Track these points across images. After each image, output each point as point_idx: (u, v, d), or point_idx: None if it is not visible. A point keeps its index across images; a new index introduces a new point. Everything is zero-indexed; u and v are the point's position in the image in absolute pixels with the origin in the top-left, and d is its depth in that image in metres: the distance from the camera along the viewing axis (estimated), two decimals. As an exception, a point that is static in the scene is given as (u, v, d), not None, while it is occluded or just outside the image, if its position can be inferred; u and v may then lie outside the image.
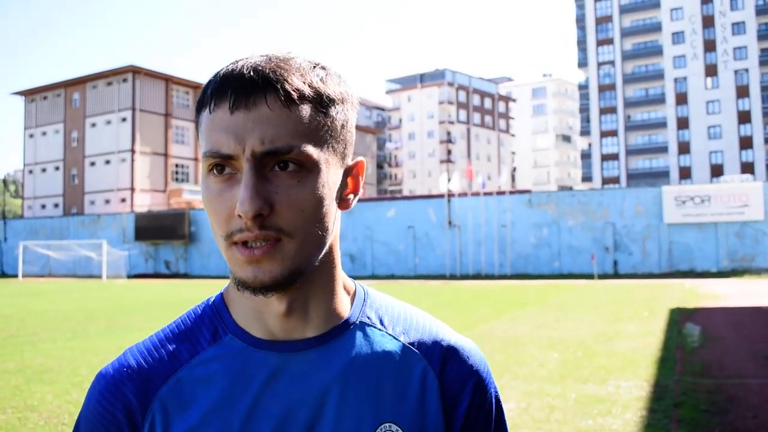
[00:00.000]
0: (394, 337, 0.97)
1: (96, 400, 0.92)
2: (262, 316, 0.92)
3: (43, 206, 65.57)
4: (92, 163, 62.32)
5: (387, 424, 0.91)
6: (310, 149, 0.85)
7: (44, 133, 66.22)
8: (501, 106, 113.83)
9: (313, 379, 0.91)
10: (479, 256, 38.44)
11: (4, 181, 75.43)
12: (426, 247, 40.19)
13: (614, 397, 7.10)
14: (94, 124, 62.48)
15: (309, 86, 0.86)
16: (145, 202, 59.40)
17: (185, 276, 44.97)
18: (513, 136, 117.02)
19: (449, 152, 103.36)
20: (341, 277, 0.97)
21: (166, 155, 62.00)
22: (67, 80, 64.43)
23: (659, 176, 77.14)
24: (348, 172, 0.94)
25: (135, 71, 60.15)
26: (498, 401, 1.02)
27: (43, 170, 66.11)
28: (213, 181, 0.86)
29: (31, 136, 67.23)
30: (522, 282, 31.57)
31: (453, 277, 37.37)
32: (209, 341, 0.93)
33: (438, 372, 0.96)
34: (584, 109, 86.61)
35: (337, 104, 0.89)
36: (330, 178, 0.88)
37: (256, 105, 0.83)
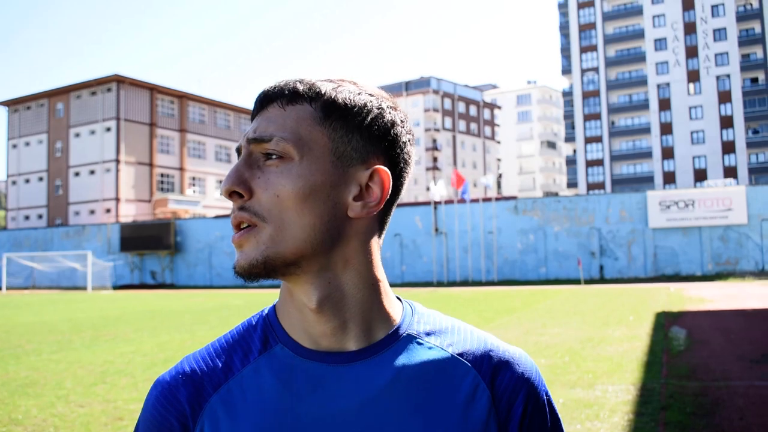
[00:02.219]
0: (443, 350, 0.97)
1: (152, 405, 0.95)
2: (305, 324, 0.94)
3: (27, 217, 65.09)
4: (76, 174, 61.98)
5: None
6: (292, 141, 0.89)
7: (27, 144, 65.81)
8: (486, 113, 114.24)
9: (360, 391, 0.91)
10: (466, 262, 38.51)
11: (-13, 193, 74.71)
12: (413, 255, 40.23)
13: (602, 401, 7.12)
14: (78, 134, 62.18)
15: (312, 90, 0.92)
16: (130, 213, 59.13)
17: (171, 286, 44.75)
18: (498, 143, 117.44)
19: (435, 159, 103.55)
20: (386, 290, 0.98)
21: (151, 165, 61.78)
22: (51, 90, 64.13)
23: (643, 181, 77.61)
24: (358, 176, 0.93)
25: (119, 80, 59.97)
26: (552, 407, 1.02)
27: (27, 181, 65.66)
28: None
29: (14, 146, 66.80)
30: (509, 288, 31.64)
31: (440, 284, 37.41)
32: (260, 350, 0.95)
33: (488, 382, 0.96)
34: (568, 116, 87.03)
35: (350, 110, 0.92)
36: (316, 173, 0.89)
37: (268, 108, 0.93)
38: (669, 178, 77.43)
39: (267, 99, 0.93)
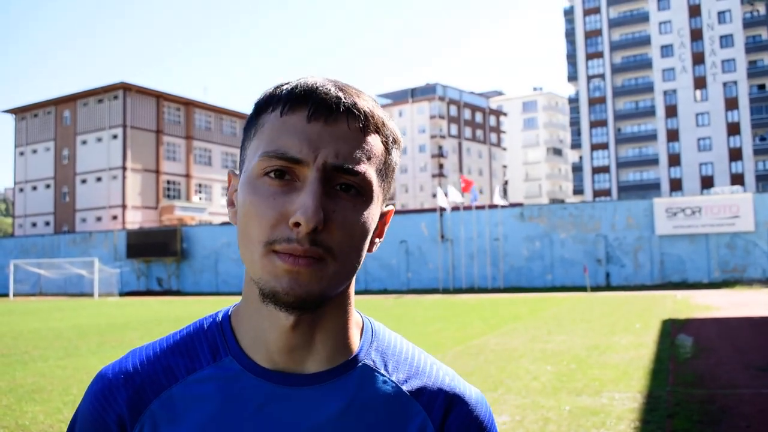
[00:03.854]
0: (396, 385, 0.93)
1: (90, 400, 0.92)
2: (266, 341, 0.90)
3: (34, 224, 65.31)
4: (83, 181, 62.19)
5: None
6: (374, 180, 0.86)
7: (35, 151, 66.08)
8: (492, 120, 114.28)
9: (305, 417, 0.88)
10: (472, 269, 38.47)
11: (-5, 200, 75.07)
12: (419, 261, 40.22)
13: (608, 409, 7.10)
14: (85, 142, 62.41)
15: (383, 123, 0.89)
16: (136, 219, 59.28)
17: (177, 293, 44.81)
18: (504, 149, 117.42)
19: (441, 166, 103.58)
20: (352, 313, 0.95)
21: (157, 172, 61.95)
22: (58, 98, 64.40)
23: (650, 188, 77.47)
24: (382, 216, 0.94)
25: (126, 88, 60.21)
26: None
27: (34, 188, 65.92)
28: (268, 184, 0.84)
29: (22, 153, 67.07)
30: (515, 295, 31.59)
31: (446, 290, 37.37)
32: (209, 360, 0.92)
33: (438, 425, 0.93)
34: (575, 123, 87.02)
35: (397, 147, 0.92)
36: (376, 213, 0.89)
37: (337, 121, 0.84)
38: (675, 185, 77.29)
39: (331, 110, 0.84)
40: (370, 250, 0.91)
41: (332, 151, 0.82)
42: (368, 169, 0.85)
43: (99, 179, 61.02)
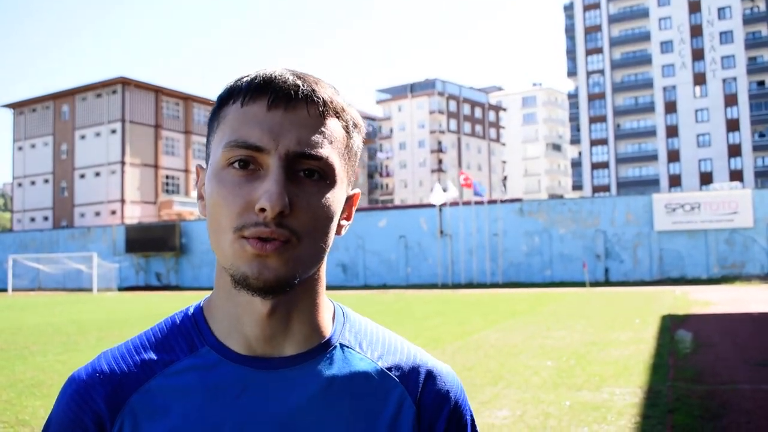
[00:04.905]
0: (372, 362, 0.96)
1: (65, 403, 0.91)
2: (242, 328, 0.91)
3: (33, 219, 65.28)
4: (82, 176, 62.16)
5: None
6: (337, 163, 0.89)
7: (33, 146, 66.02)
8: (491, 116, 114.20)
9: (289, 397, 0.90)
10: (471, 264, 38.48)
11: (-6, 195, 75.06)
12: (418, 257, 40.22)
13: (609, 404, 7.11)
14: (83, 136, 62.37)
15: (342, 108, 0.91)
16: (135, 214, 59.26)
17: (176, 288, 44.82)
18: (503, 145, 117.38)
19: (440, 162, 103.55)
20: (324, 296, 0.97)
21: (156, 167, 61.92)
22: (56, 92, 64.33)
23: (649, 184, 77.50)
24: (348, 199, 0.97)
25: (125, 83, 60.13)
26: (474, 427, 1.02)
27: (33, 183, 65.87)
28: (233, 174, 0.86)
29: (20, 148, 67.00)
30: (514, 290, 31.61)
31: (445, 286, 37.38)
32: (185, 352, 0.92)
33: (415, 397, 0.96)
34: (574, 118, 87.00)
35: (358, 131, 0.95)
36: (341, 196, 0.91)
37: (296, 108, 0.86)
38: (675, 181, 77.32)
39: (290, 97, 0.86)
40: (338, 233, 0.95)
41: (293, 138, 0.85)
42: (330, 154, 0.87)
43: (98, 174, 60.98)
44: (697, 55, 77.28)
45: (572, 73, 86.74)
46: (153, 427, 0.88)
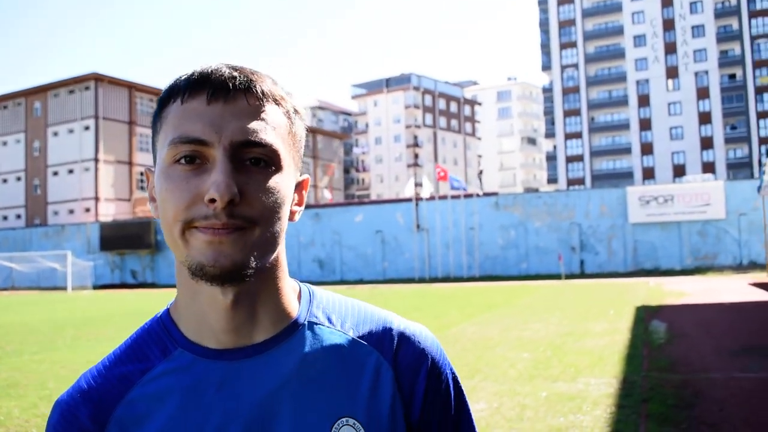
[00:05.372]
0: (344, 333, 0.98)
1: (53, 427, 0.94)
2: (210, 323, 0.93)
3: (5, 218, 64.46)
4: (55, 173, 61.46)
5: (344, 419, 0.92)
6: (281, 149, 0.90)
7: (5, 143, 65.16)
8: (467, 110, 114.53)
9: (265, 382, 0.92)
10: (448, 258, 38.61)
11: (-36, 193, 74.01)
12: (395, 251, 40.30)
13: (584, 394, 7.19)
14: (56, 133, 61.66)
15: (281, 96, 0.93)
16: (109, 212, 58.73)
17: (152, 285, 44.52)
18: (479, 139, 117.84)
19: (416, 156, 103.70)
20: (287, 280, 0.99)
21: (130, 163, 61.39)
22: (28, 89, 63.54)
23: (623, 177, 78.22)
24: (298, 185, 0.99)
25: (98, 79, 59.50)
26: (456, 381, 1.03)
27: (5, 181, 65.01)
28: (179, 170, 0.87)
29: (-9, 146, 66.13)
30: (490, 284, 31.79)
31: (422, 280, 37.48)
32: (159, 357, 0.94)
33: (391, 360, 0.97)
34: (549, 112, 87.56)
35: (300, 117, 0.97)
36: (290, 182, 0.93)
37: (235, 99, 0.88)
38: (648, 174, 78.12)
39: (228, 89, 0.88)
40: (291, 219, 0.97)
41: (236, 128, 0.86)
42: (274, 140, 0.89)
43: (71, 171, 60.34)
44: (670, 48, 78.07)
45: (547, 67, 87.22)
46: None
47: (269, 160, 0.88)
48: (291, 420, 0.91)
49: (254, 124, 0.87)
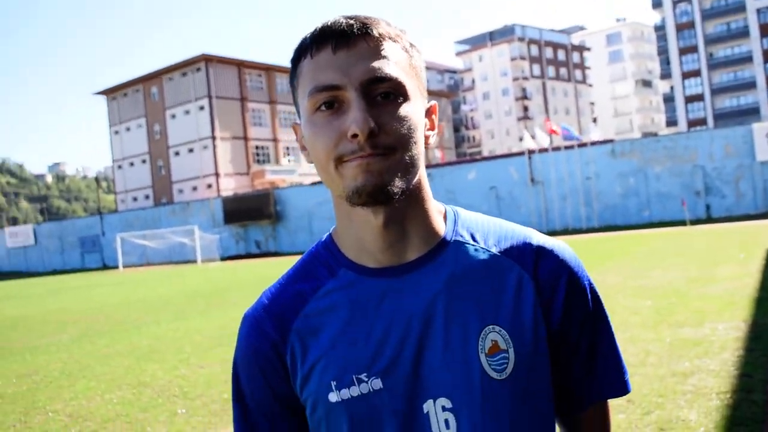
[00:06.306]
0: (487, 250, 1.09)
1: (245, 338, 1.12)
2: (367, 245, 1.07)
3: (135, 199, 67.97)
4: (176, 153, 64.10)
5: (490, 326, 1.04)
6: (405, 81, 1.01)
7: (128, 129, 68.41)
8: (575, 57, 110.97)
9: (419, 296, 1.04)
10: (565, 210, 37.90)
11: (96, 179, 78.46)
12: (510, 207, 39.88)
13: (711, 339, 7.01)
14: (174, 116, 64.14)
15: (396, 34, 1.04)
16: (230, 186, 60.82)
17: (275, 254, 45.98)
18: (590, 86, 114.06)
19: (526, 109, 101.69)
20: (432, 202, 1.11)
21: (245, 138, 63.19)
22: (144, 75, 66.16)
23: (748, 114, 73.85)
24: (427, 111, 1.10)
25: (207, 59, 61.26)
26: (594, 292, 1.13)
27: (131, 164, 68.42)
28: (320, 116, 1.00)
29: (117, 132, 69.60)
30: (610, 234, 31.02)
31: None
32: (327, 276, 1.10)
33: (531, 273, 1.07)
34: (663, 51, 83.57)
35: (416, 50, 1.07)
36: (419, 109, 1.04)
37: (356, 44, 0.99)
38: (776, 108, 73.44)
39: (349, 37, 0.99)
40: (426, 143, 1.07)
41: (362, 69, 0.97)
42: (398, 74, 0.99)
43: (191, 150, 62.75)
44: (794, -29, 72.59)
45: (657, 4, 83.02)
46: (315, 344, 1.06)
47: (397, 92, 0.99)
48: (444, 328, 1.03)
49: (377, 63, 0.99)
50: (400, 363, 1.03)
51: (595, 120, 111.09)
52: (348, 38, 0.99)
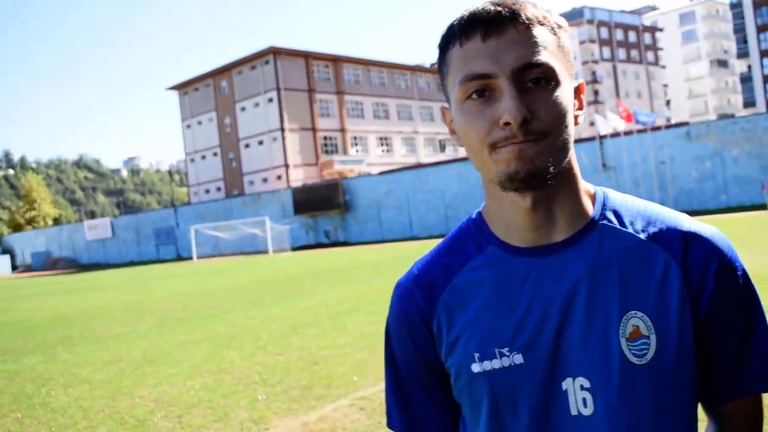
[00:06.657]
0: (634, 234, 1.08)
1: (397, 304, 1.17)
2: (514, 225, 1.08)
3: (207, 191, 69.42)
4: (246, 145, 65.11)
5: (632, 311, 1.03)
6: (555, 65, 1.01)
7: (200, 123, 69.82)
8: (647, 38, 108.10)
9: (563, 277, 1.05)
10: (639, 196, 36.85)
11: (169, 173, 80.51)
12: (580, 193, 39.18)
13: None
14: (243, 108, 65.12)
15: (543, 16, 1.03)
16: (299, 177, 61.49)
17: (344, 244, 46.34)
18: (663, 67, 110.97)
19: (596, 93, 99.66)
20: (581, 183, 1.11)
21: (313, 129, 63.72)
22: (214, 70, 67.31)
23: (833, 91, 70.68)
24: (575, 91, 1.09)
25: (275, 52, 61.89)
26: (747, 281, 1.08)
27: (203, 157, 69.87)
28: (471, 104, 1.01)
29: (188, 126, 71.13)
30: (687, 219, 30.11)
31: (612, 220, 36.16)
32: (474, 252, 1.13)
33: (679, 261, 1.05)
34: (739, 30, 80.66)
35: (563, 30, 1.07)
36: (569, 92, 1.04)
37: (505, 30, 0.99)
38: None
39: (498, 24, 0.99)
40: (576, 123, 1.08)
41: (512, 56, 0.98)
42: (548, 59, 0.99)
43: (261, 142, 63.63)
44: None
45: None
46: (461, 316, 1.10)
47: (548, 78, 0.99)
48: (585, 310, 1.03)
49: (527, 49, 0.98)
50: (542, 340, 1.04)
51: (668, 102, 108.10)
52: (497, 25, 0.99)
